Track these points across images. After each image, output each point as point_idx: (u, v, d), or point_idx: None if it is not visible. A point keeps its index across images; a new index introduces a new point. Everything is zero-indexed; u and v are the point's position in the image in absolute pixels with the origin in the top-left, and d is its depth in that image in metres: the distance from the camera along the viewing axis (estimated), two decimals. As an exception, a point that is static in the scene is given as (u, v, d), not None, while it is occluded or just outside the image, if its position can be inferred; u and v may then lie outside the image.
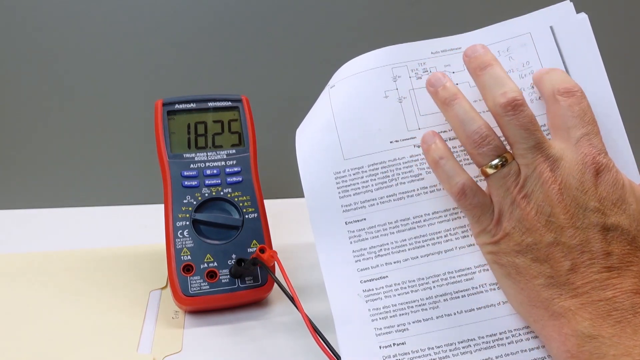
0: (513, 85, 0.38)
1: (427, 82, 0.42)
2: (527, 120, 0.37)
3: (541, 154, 0.37)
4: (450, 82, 0.41)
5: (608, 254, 0.35)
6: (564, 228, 0.36)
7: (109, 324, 0.49)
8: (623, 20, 0.76)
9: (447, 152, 0.40)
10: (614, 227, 0.36)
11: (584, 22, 0.43)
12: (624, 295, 0.34)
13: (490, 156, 0.38)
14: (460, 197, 0.39)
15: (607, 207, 0.36)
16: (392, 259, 0.42)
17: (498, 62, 0.40)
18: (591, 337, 0.34)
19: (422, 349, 0.39)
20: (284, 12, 0.71)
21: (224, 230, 0.52)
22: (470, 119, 0.39)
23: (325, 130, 0.44)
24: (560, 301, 0.35)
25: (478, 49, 0.41)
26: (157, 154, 0.54)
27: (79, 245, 0.62)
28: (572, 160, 0.37)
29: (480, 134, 0.38)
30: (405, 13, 0.72)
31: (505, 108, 0.37)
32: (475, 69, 0.40)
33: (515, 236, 0.37)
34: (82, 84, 0.70)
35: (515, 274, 0.37)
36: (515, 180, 0.37)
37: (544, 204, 0.36)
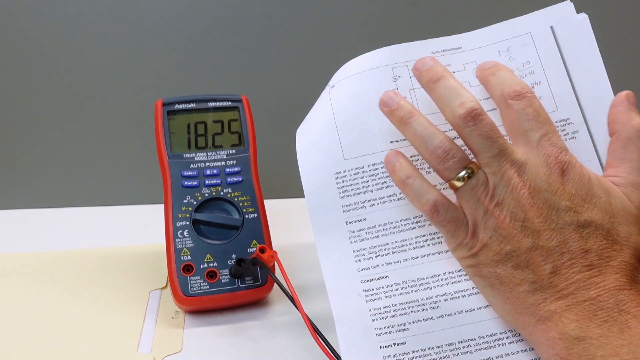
0: (469, 94, 0.38)
1: (380, 103, 0.41)
2: (488, 129, 0.37)
3: (507, 160, 0.37)
4: (404, 100, 0.40)
5: (586, 251, 0.35)
6: (540, 231, 0.36)
7: (109, 324, 0.49)
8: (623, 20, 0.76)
9: (413, 170, 0.40)
10: (587, 223, 0.36)
11: (584, 22, 0.43)
12: (608, 293, 0.34)
13: (457, 169, 0.38)
14: (433, 215, 0.39)
15: (578, 204, 0.36)
16: (392, 259, 0.42)
17: (450, 73, 0.40)
18: (579, 339, 0.34)
19: (423, 348, 0.39)
20: (284, 12, 0.71)
21: (224, 230, 0.52)
22: (431, 134, 0.39)
23: (325, 130, 0.44)
24: (546, 305, 0.35)
25: (427, 62, 0.40)
26: (157, 154, 0.54)
27: (79, 245, 0.62)
28: (536, 162, 0.37)
29: (443, 148, 0.38)
30: (405, 13, 0.72)
31: (465, 119, 0.37)
32: (428, 82, 0.40)
33: (494, 246, 0.37)
34: (82, 84, 0.70)
35: (499, 284, 0.37)
36: (484, 190, 0.37)
37: (517, 210, 0.36)
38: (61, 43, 0.69)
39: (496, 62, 0.41)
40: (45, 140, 0.71)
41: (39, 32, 0.68)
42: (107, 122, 0.72)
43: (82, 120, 0.71)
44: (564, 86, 0.42)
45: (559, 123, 0.42)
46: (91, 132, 0.72)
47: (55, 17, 0.68)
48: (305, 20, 0.71)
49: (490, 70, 0.41)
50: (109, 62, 0.70)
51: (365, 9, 0.72)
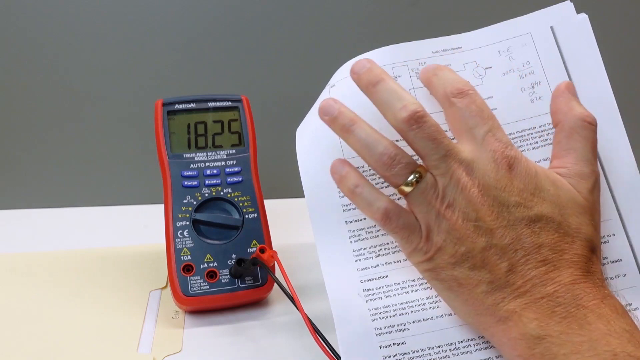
0: (410, 97, 0.38)
1: (320, 111, 0.40)
2: (432, 130, 0.37)
3: (454, 161, 0.36)
4: (345, 107, 0.40)
5: (539, 246, 0.35)
6: (492, 230, 0.36)
7: (109, 324, 0.49)
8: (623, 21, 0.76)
9: (361, 179, 0.39)
10: (538, 217, 0.36)
11: (584, 22, 0.43)
12: (564, 288, 0.34)
13: (404, 174, 0.37)
14: (385, 222, 0.38)
15: (527, 198, 0.36)
16: (392, 259, 0.42)
17: (388, 75, 0.39)
18: (540, 338, 0.34)
19: (422, 348, 0.39)
20: (284, 12, 0.71)
21: (224, 230, 0.52)
22: (374, 141, 0.38)
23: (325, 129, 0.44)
24: (505, 304, 0.35)
25: (364, 64, 0.40)
26: (157, 154, 0.54)
27: (79, 245, 0.62)
28: (484, 159, 0.37)
29: (388, 155, 0.37)
30: (405, 13, 0.72)
31: (408, 122, 0.37)
32: (367, 86, 0.39)
33: (448, 248, 0.36)
34: (82, 83, 0.70)
35: (457, 286, 0.37)
36: (434, 192, 0.37)
37: (468, 210, 0.36)
38: (61, 43, 0.69)
39: (438, 64, 0.41)
40: (45, 140, 0.72)
41: (39, 32, 0.68)
42: (107, 122, 0.72)
43: (82, 120, 0.71)
44: (564, 86, 0.42)
45: (559, 123, 0.42)
46: (91, 132, 0.72)
47: (55, 17, 0.68)
48: (305, 20, 0.71)
49: (432, 72, 0.40)
50: (109, 62, 0.70)
51: (365, 9, 0.72)
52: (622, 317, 0.34)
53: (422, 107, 0.37)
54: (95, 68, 0.70)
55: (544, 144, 0.41)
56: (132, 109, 0.71)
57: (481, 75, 0.43)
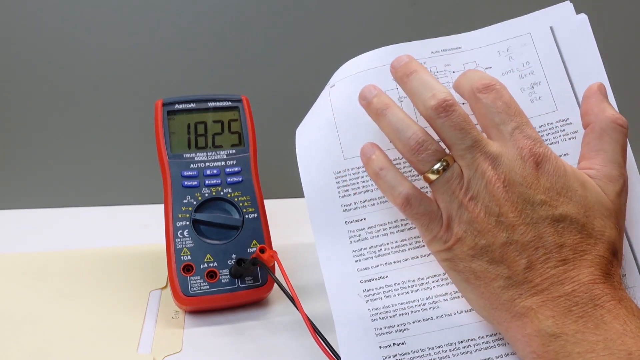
0: (441, 87, 0.38)
1: (359, 96, 0.41)
2: (461, 120, 0.37)
3: (480, 153, 0.36)
4: (382, 93, 0.40)
5: (561, 246, 0.35)
6: (514, 226, 0.35)
7: (109, 324, 0.49)
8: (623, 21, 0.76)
9: (387, 163, 0.39)
10: (562, 217, 0.35)
11: (584, 22, 0.43)
12: (583, 287, 0.34)
13: (430, 161, 0.37)
14: (406, 207, 0.38)
15: (553, 197, 0.36)
16: (392, 259, 0.42)
17: (423, 68, 0.39)
18: (555, 336, 0.34)
19: (422, 348, 0.39)
20: (284, 12, 0.71)
21: (224, 230, 0.52)
22: (405, 125, 0.38)
23: (325, 129, 0.44)
24: (521, 301, 0.35)
25: (403, 59, 0.40)
26: (157, 154, 0.54)
27: (79, 245, 0.62)
28: (511, 155, 0.36)
29: (417, 140, 0.37)
30: (405, 13, 0.72)
31: (436, 110, 0.37)
32: (401, 77, 0.40)
33: (468, 240, 0.36)
34: (82, 83, 0.70)
35: (474, 279, 0.37)
36: (459, 183, 0.37)
37: (491, 204, 0.36)
38: (61, 43, 0.69)
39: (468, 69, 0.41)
40: (45, 140, 0.71)
41: (39, 33, 0.68)
42: (107, 122, 0.72)
43: (82, 120, 0.71)
44: (564, 86, 0.42)
45: (559, 123, 0.42)
46: (91, 132, 0.72)
47: (55, 17, 0.68)
48: (305, 20, 0.71)
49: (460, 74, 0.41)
50: (109, 62, 0.70)
51: (365, 9, 0.72)
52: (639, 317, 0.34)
53: (452, 97, 0.37)
54: (95, 68, 0.70)
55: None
56: (132, 109, 0.71)
57: (481, 75, 0.43)
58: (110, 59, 0.70)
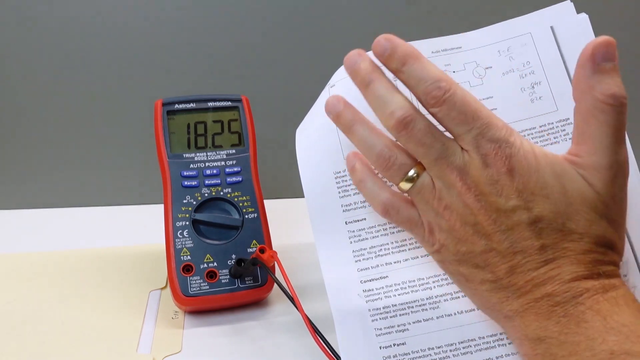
0: (398, 100, 0.36)
1: (325, 108, 0.40)
2: (421, 135, 0.35)
3: (446, 165, 0.35)
4: (348, 106, 0.39)
5: (541, 247, 0.34)
6: (491, 234, 0.35)
7: (109, 324, 0.49)
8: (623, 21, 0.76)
9: (367, 173, 0.39)
10: (539, 218, 0.34)
11: (585, 22, 0.43)
12: (564, 286, 0.33)
13: (400, 174, 0.37)
14: (385, 215, 0.39)
15: (528, 199, 0.34)
16: (392, 259, 0.42)
17: (380, 73, 0.37)
18: (540, 340, 0.33)
19: (423, 349, 0.39)
20: (284, 12, 0.71)
21: (223, 230, 0.52)
22: (372, 141, 0.38)
23: (325, 129, 0.44)
24: (508, 304, 0.35)
25: (355, 59, 0.38)
26: (157, 154, 0.54)
27: (79, 245, 0.62)
28: (477, 164, 0.35)
29: (384, 156, 0.37)
30: (405, 13, 0.72)
31: (396, 129, 0.36)
32: (359, 86, 0.38)
33: (450, 247, 0.36)
34: (82, 83, 0.70)
35: (465, 281, 0.37)
36: (431, 191, 0.36)
37: (466, 214, 0.35)
38: (61, 43, 0.69)
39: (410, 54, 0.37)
40: (45, 140, 0.71)
41: (39, 32, 0.68)
42: (107, 122, 0.72)
43: (82, 120, 0.71)
44: (564, 86, 0.42)
45: (559, 123, 0.42)
46: (91, 132, 0.72)
47: (56, 17, 0.68)
48: (305, 20, 0.71)
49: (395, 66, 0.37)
50: (109, 62, 0.70)
51: (365, 9, 0.72)
52: (623, 310, 0.32)
53: (411, 111, 0.36)
54: (95, 68, 0.70)
55: (544, 144, 0.41)
56: (132, 109, 0.71)
57: (481, 75, 0.43)
58: (110, 59, 0.70)
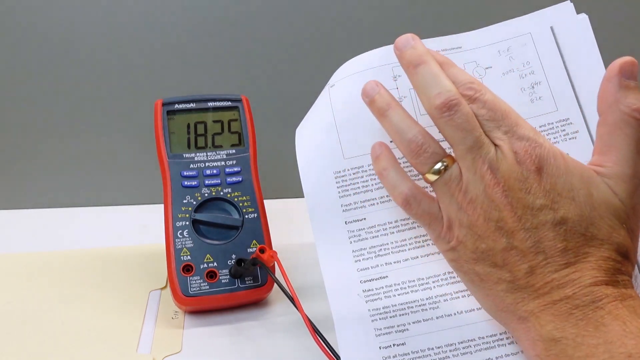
0: (448, 84, 0.37)
1: (362, 92, 0.40)
2: (463, 120, 0.36)
3: (480, 156, 0.35)
4: (385, 91, 0.40)
5: (563, 249, 0.34)
6: (514, 232, 0.35)
7: (109, 324, 0.49)
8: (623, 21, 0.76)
9: (391, 163, 0.39)
10: (564, 220, 0.34)
11: (584, 22, 0.43)
12: (584, 290, 0.33)
13: (429, 163, 0.37)
14: (405, 207, 0.38)
15: (554, 200, 0.34)
16: (392, 259, 0.42)
17: (431, 58, 0.38)
18: (556, 341, 0.33)
19: (422, 349, 0.39)
20: (284, 11, 0.71)
21: (223, 230, 0.52)
22: (406, 126, 0.38)
23: (325, 129, 0.44)
24: (524, 305, 0.35)
25: (409, 41, 0.38)
26: (157, 154, 0.54)
27: (79, 245, 0.62)
28: (509, 160, 0.35)
29: (416, 142, 0.37)
30: (405, 13, 0.72)
31: (440, 110, 0.36)
32: (407, 66, 0.38)
33: (469, 244, 0.36)
34: (82, 83, 0.70)
35: (479, 281, 0.36)
36: (458, 184, 0.36)
37: (490, 209, 0.35)
38: (61, 43, 0.69)
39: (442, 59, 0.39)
40: (45, 140, 0.71)
41: (39, 32, 0.68)
42: (107, 122, 0.72)
43: (82, 120, 0.71)
44: (564, 86, 0.42)
45: (559, 123, 0.42)
46: (91, 132, 0.72)
47: (56, 17, 0.68)
48: (305, 20, 0.71)
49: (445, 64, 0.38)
50: (109, 62, 0.70)
51: (365, 9, 0.71)
52: None
53: (458, 96, 0.36)
54: (95, 68, 0.70)
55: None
56: (132, 109, 0.71)
57: (481, 75, 0.43)
58: (111, 59, 0.70)
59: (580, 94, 0.42)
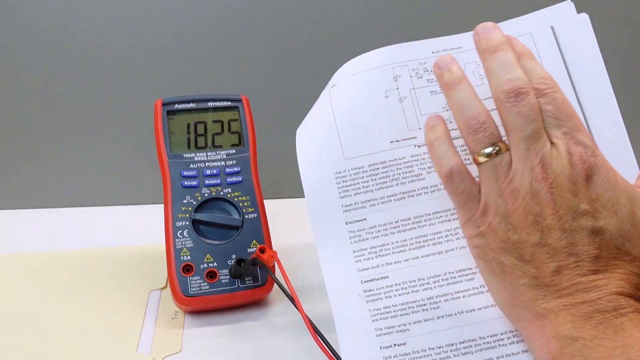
0: (521, 74, 0.37)
1: (435, 64, 0.40)
2: (527, 109, 0.36)
3: (534, 147, 0.35)
4: (458, 67, 0.39)
5: (595, 257, 0.34)
6: (551, 229, 0.35)
7: (109, 324, 0.49)
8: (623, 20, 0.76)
9: (444, 135, 0.39)
10: (602, 230, 0.34)
11: (585, 22, 0.43)
12: (608, 297, 0.34)
13: (484, 143, 0.37)
14: (447, 181, 0.38)
15: (598, 209, 0.35)
16: (392, 259, 0.42)
17: (509, 48, 0.38)
18: (573, 339, 0.33)
19: (423, 349, 0.39)
20: (284, 11, 0.71)
21: (223, 230, 0.52)
22: (472, 103, 0.38)
23: (325, 130, 0.44)
24: (544, 302, 0.35)
25: (489, 28, 0.39)
26: (157, 154, 0.54)
27: (79, 245, 0.62)
28: (562, 159, 0.35)
29: (478, 120, 0.37)
30: (405, 13, 0.72)
31: (507, 94, 0.36)
32: (484, 51, 0.38)
33: (500, 232, 0.36)
34: (82, 83, 0.70)
35: (500, 272, 0.36)
36: (505, 171, 0.36)
37: (532, 202, 0.35)
38: (61, 43, 0.69)
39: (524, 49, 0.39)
40: (45, 140, 0.71)
41: (40, 32, 0.68)
42: (107, 122, 0.72)
43: (82, 120, 0.71)
44: (565, 86, 0.42)
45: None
46: (91, 132, 0.72)
47: (56, 17, 0.68)
48: (305, 20, 0.71)
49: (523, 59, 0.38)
50: (109, 62, 0.70)
51: (365, 9, 0.71)
52: None
53: (528, 85, 0.36)
54: (95, 68, 0.70)
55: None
56: (132, 109, 0.71)
57: (482, 75, 0.43)
58: (110, 59, 0.70)
59: (581, 93, 0.42)
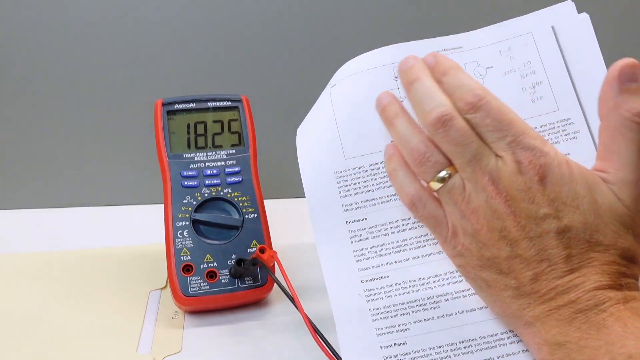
0: (440, 98, 0.36)
1: (376, 101, 0.40)
2: (457, 135, 0.35)
3: (479, 168, 0.35)
4: (395, 100, 0.39)
5: (567, 257, 0.34)
6: (518, 240, 0.35)
7: (109, 324, 0.49)
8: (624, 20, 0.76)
9: (401, 164, 0.39)
10: (568, 228, 0.34)
11: (586, 21, 0.43)
12: (587, 295, 0.34)
13: (432, 172, 0.37)
14: (411, 208, 0.38)
15: (559, 208, 0.34)
16: (393, 259, 0.42)
17: (426, 74, 0.37)
18: (560, 345, 0.34)
19: (424, 349, 0.39)
20: (284, 11, 0.71)
21: (223, 230, 0.52)
22: (410, 135, 0.38)
23: (326, 129, 0.44)
24: (530, 311, 0.35)
25: (409, 61, 0.38)
26: (157, 154, 0.54)
27: (79, 245, 0.62)
28: (510, 170, 0.35)
29: (419, 151, 0.37)
30: (405, 13, 0.72)
31: (434, 126, 0.36)
32: (405, 85, 0.38)
33: (474, 251, 0.36)
34: (82, 83, 0.70)
35: (486, 287, 0.37)
36: (461, 193, 0.36)
37: (493, 219, 0.35)
38: (61, 43, 0.69)
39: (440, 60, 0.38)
40: (45, 140, 0.71)
41: (40, 33, 0.68)
42: (107, 122, 0.72)
43: (82, 120, 0.71)
44: (565, 86, 0.42)
45: (560, 123, 0.42)
46: (91, 132, 0.72)
47: (56, 17, 0.68)
48: (305, 20, 0.71)
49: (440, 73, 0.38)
50: (109, 62, 0.70)
51: (365, 9, 0.72)
52: None
53: (451, 110, 0.36)
54: (95, 68, 0.70)
55: (545, 144, 0.41)
56: (132, 109, 0.71)
57: (482, 75, 0.43)
58: (110, 59, 0.70)
59: (582, 93, 0.41)
